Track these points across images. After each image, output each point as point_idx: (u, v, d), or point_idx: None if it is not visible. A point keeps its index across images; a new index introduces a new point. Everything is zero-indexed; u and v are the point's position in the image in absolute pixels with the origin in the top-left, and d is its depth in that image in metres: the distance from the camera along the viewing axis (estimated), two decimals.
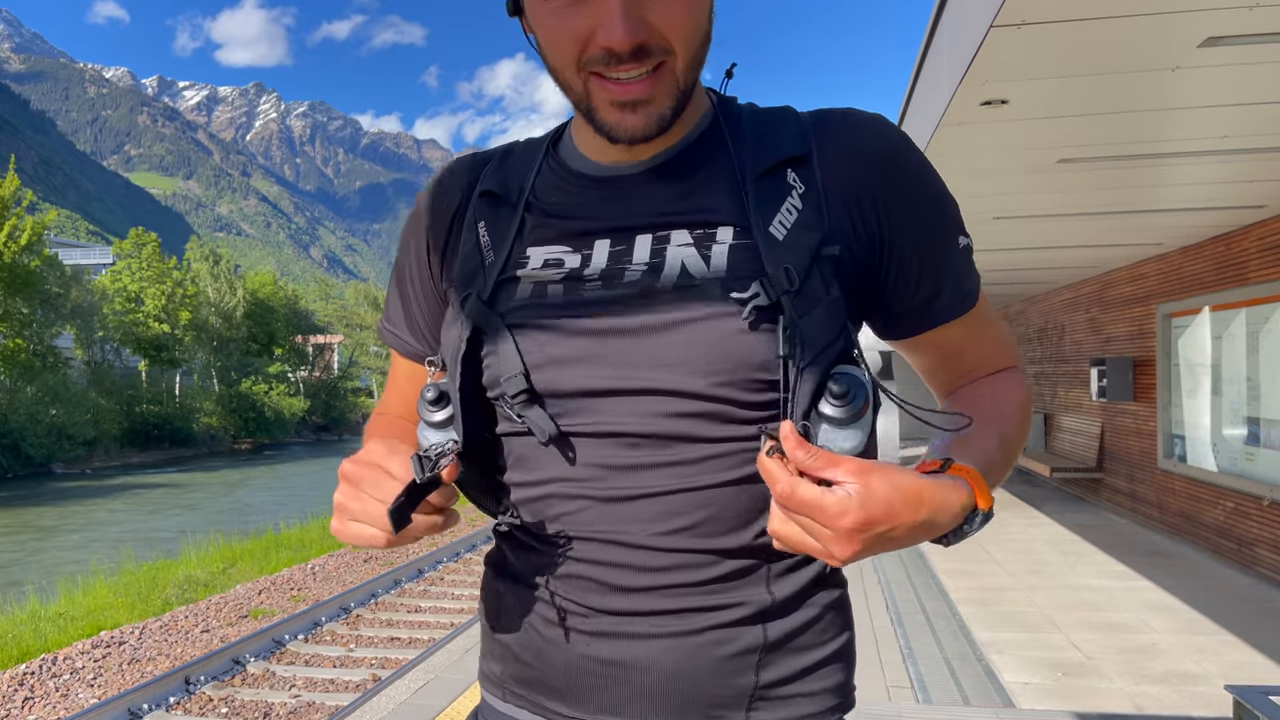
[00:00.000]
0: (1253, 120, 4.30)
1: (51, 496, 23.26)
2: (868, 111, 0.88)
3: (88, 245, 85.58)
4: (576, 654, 0.85)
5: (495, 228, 0.89)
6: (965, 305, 0.90)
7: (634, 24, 0.75)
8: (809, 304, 0.78)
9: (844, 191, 0.83)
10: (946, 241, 0.87)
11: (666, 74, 0.78)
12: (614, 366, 0.80)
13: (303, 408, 47.58)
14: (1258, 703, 2.93)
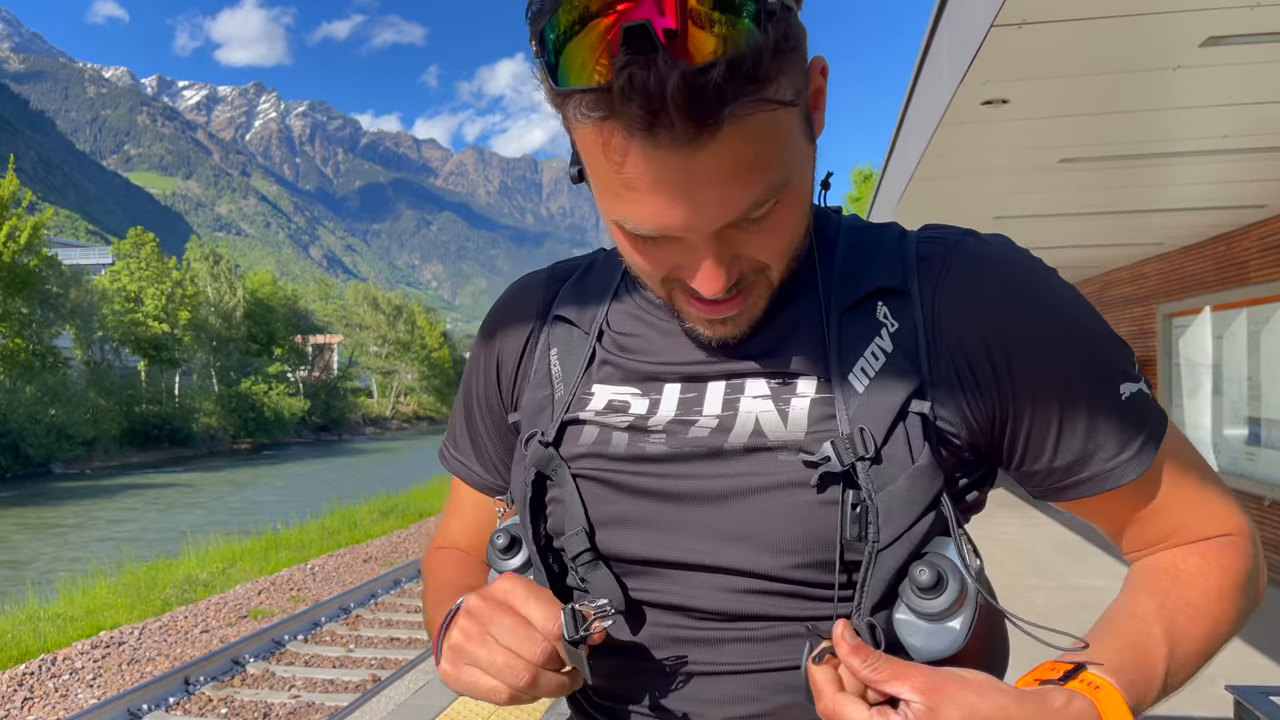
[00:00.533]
0: (1253, 120, 4.29)
1: (51, 497, 23.26)
2: (990, 235, 0.75)
3: (87, 245, 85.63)
4: None
5: (567, 358, 0.80)
6: (1128, 472, 0.71)
7: (728, 270, 0.66)
8: (891, 473, 0.67)
9: (949, 339, 0.70)
10: (1099, 393, 0.70)
11: (761, 285, 0.70)
12: (677, 535, 0.71)
13: (302, 408, 47.59)
14: (1258, 703, 2.93)
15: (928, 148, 4.74)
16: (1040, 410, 0.70)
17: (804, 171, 0.66)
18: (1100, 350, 0.72)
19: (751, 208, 0.62)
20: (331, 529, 13.91)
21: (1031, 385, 0.70)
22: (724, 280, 0.65)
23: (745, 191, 0.61)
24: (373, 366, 66.96)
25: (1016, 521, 9.43)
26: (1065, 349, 0.71)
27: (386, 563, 10.97)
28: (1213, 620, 0.73)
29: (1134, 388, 0.72)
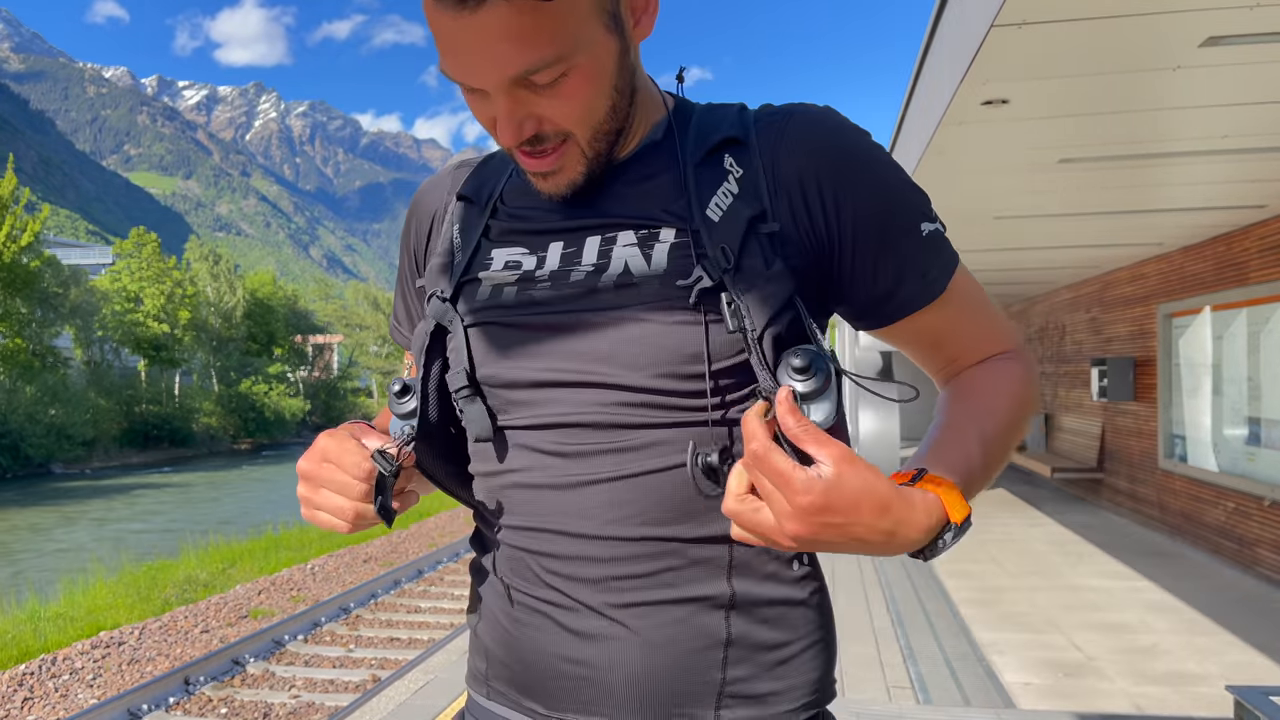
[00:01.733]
0: (1253, 120, 4.29)
1: (51, 497, 23.25)
2: (817, 105, 0.90)
3: (87, 245, 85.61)
4: (545, 652, 0.86)
5: (465, 230, 0.94)
6: (930, 294, 0.87)
7: (519, 124, 0.80)
8: (750, 279, 0.80)
9: (788, 182, 0.84)
10: (904, 231, 0.86)
11: (570, 148, 0.83)
12: (555, 359, 0.84)
13: (302, 408, 47.57)
14: (1258, 703, 2.93)
15: (927, 147, 4.74)
16: (860, 244, 0.85)
17: (600, 55, 0.79)
18: (904, 196, 0.87)
19: (528, 71, 0.76)
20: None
21: (853, 223, 0.85)
22: (514, 132, 0.80)
23: (517, 55, 0.75)
24: (373, 366, 66.91)
25: (1016, 521, 9.43)
26: (879, 194, 0.85)
27: (386, 563, 10.97)
28: (1009, 419, 0.86)
29: (931, 227, 0.88)
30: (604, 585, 0.83)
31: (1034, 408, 0.90)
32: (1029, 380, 0.90)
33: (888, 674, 4.58)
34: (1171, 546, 8.00)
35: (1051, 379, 12.36)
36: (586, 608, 0.84)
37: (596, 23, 0.78)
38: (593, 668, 0.84)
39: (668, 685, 0.83)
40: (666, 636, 0.83)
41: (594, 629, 0.84)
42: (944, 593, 6.34)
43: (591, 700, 0.84)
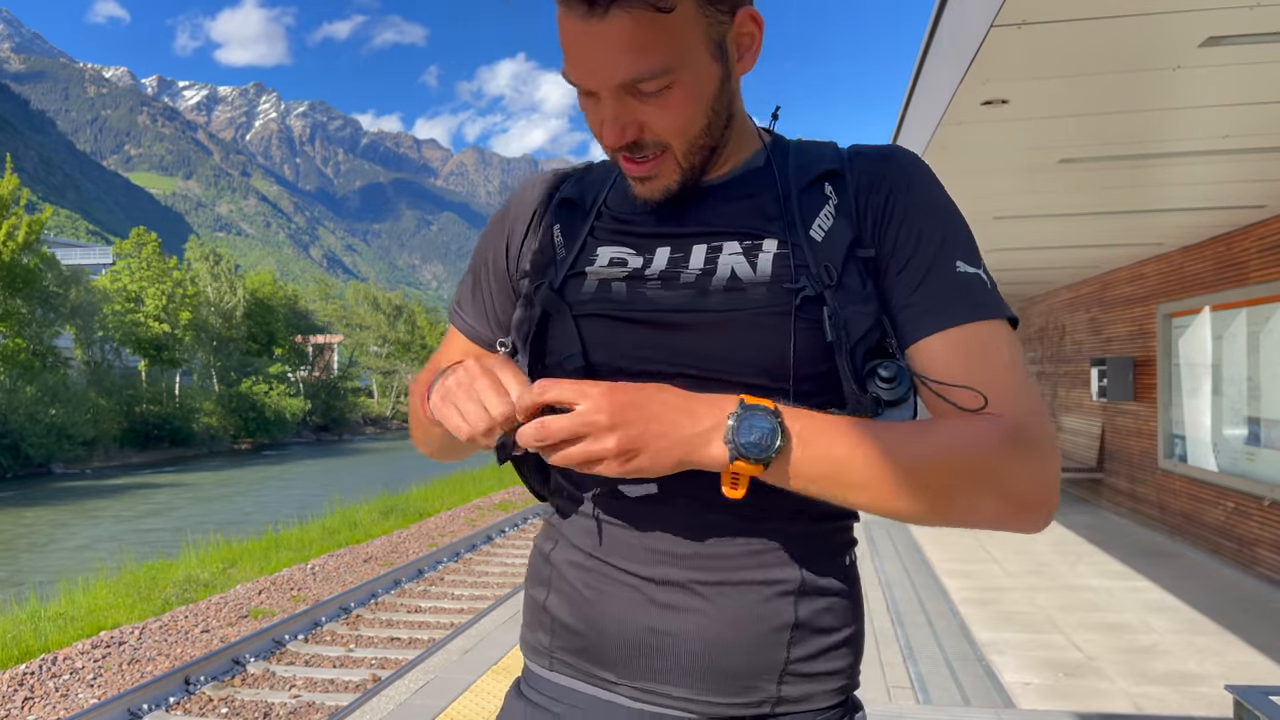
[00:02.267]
0: (1253, 120, 4.29)
1: (51, 497, 23.26)
2: (910, 151, 1.00)
3: (88, 245, 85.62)
4: (628, 623, 0.93)
5: (569, 230, 1.01)
6: (941, 322, 0.89)
7: (622, 129, 0.89)
8: (848, 297, 0.89)
9: (868, 203, 0.94)
10: (942, 261, 0.92)
11: (667, 159, 0.92)
12: (666, 352, 0.91)
13: (303, 408, 47.56)
14: (1258, 703, 2.93)
15: (927, 148, 4.75)
16: (907, 264, 0.92)
17: (702, 76, 0.89)
18: (953, 235, 0.93)
19: (637, 78, 0.86)
20: (332, 529, 13.91)
21: (906, 246, 0.92)
22: (617, 135, 0.89)
23: (630, 63, 0.85)
24: (373, 366, 66.92)
25: None
26: (927, 222, 0.93)
27: (387, 563, 10.97)
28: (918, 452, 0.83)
29: (970, 269, 0.92)
30: (692, 563, 0.91)
31: (981, 470, 0.83)
32: (981, 440, 0.83)
33: (888, 674, 4.59)
34: (1171, 546, 8.00)
35: (1051, 379, 12.36)
36: (674, 584, 0.91)
37: (703, 48, 0.88)
38: (673, 638, 0.90)
39: (739, 660, 0.90)
40: (744, 615, 0.90)
41: (679, 603, 0.91)
42: (944, 592, 6.34)
43: (664, 669, 0.91)
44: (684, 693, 0.91)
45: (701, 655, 0.90)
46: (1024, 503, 0.84)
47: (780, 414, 0.80)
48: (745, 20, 0.92)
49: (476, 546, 11.73)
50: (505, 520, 13.51)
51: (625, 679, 0.93)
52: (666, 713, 0.92)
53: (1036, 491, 0.84)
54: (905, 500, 0.83)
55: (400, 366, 67.74)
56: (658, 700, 0.92)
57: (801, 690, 0.92)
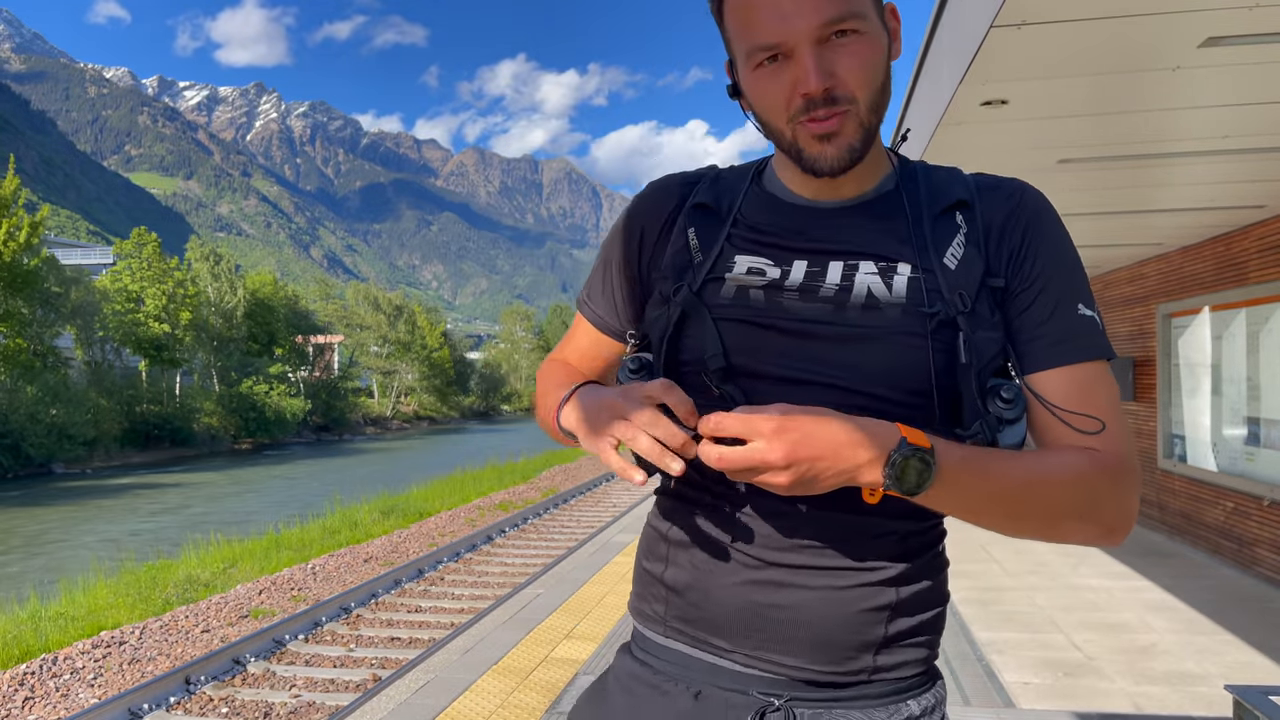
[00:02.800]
0: (1253, 120, 4.30)
1: (52, 497, 23.27)
2: (1034, 188, 1.06)
3: (88, 245, 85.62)
4: (742, 597, 1.01)
5: (705, 234, 1.06)
6: (1063, 358, 0.97)
7: (823, 75, 0.92)
8: (978, 323, 0.97)
9: (1001, 237, 1.00)
10: (1068, 301, 0.99)
11: (852, 115, 0.95)
12: (804, 361, 0.98)
13: (303, 408, 47.56)
14: (1258, 703, 2.93)
15: (927, 148, 4.75)
16: (1038, 301, 0.98)
17: (878, 35, 0.96)
18: (1077, 278, 1.00)
19: (836, 18, 0.91)
20: (332, 529, 13.91)
21: (1039, 282, 0.99)
22: (819, 79, 0.92)
23: (828, 4, 0.91)
24: (373, 366, 66.91)
25: None
26: (1059, 264, 1.00)
27: (387, 562, 10.98)
28: (1043, 474, 0.93)
29: (1089, 313, 0.98)
30: (807, 549, 0.99)
31: (1086, 502, 0.93)
32: (1092, 474, 0.93)
33: None
34: (1171, 546, 8.00)
35: None
36: (789, 566, 1.00)
37: (876, 13, 0.97)
38: (783, 611, 0.99)
39: (843, 635, 0.99)
40: (851, 596, 0.99)
41: (792, 581, 0.99)
42: None
43: (777, 640, 1.01)
44: (794, 661, 1.00)
45: (811, 629, 0.99)
46: (1113, 528, 0.94)
47: (936, 455, 0.86)
48: (889, 12, 1.00)
49: (477, 546, 11.74)
50: (505, 520, 13.51)
51: (739, 648, 1.02)
52: (771, 675, 1.01)
53: (1124, 518, 0.95)
54: (1017, 524, 0.95)
55: (400, 366, 67.74)
56: (767, 668, 1.01)
57: (894, 660, 1.02)
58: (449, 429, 63.02)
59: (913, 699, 1.04)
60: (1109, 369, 1.00)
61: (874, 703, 1.02)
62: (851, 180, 1.02)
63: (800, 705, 1.01)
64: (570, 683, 4.45)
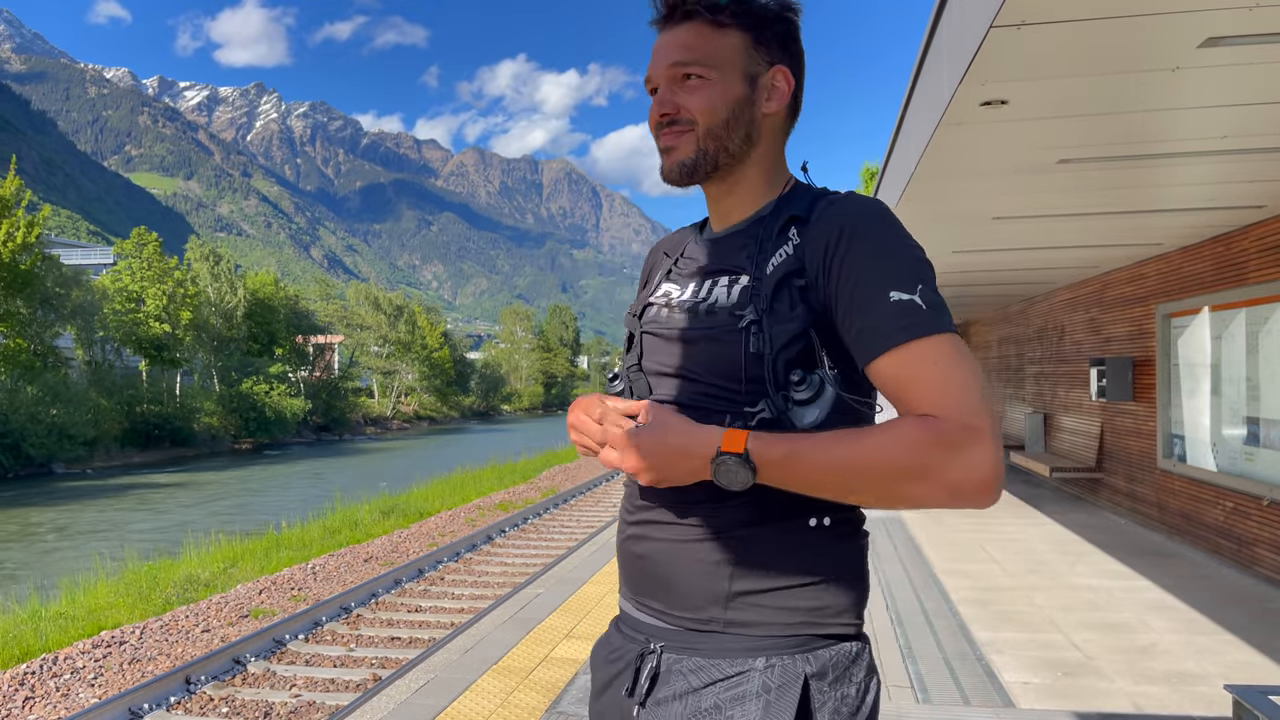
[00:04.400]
0: (1253, 120, 4.30)
1: (52, 497, 23.27)
2: (863, 196, 1.20)
3: (88, 245, 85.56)
4: (626, 549, 1.27)
5: (656, 273, 1.38)
6: (878, 346, 1.07)
7: (663, 104, 1.23)
8: (776, 319, 1.14)
9: (816, 245, 1.15)
10: (879, 293, 1.09)
11: (690, 136, 1.23)
12: (673, 358, 1.23)
13: (303, 408, 47.54)
14: (1257, 703, 2.94)
15: (927, 148, 4.75)
16: (849, 301, 1.11)
17: (730, 86, 1.22)
18: (891, 268, 1.10)
19: (682, 62, 1.22)
20: (332, 528, 13.92)
21: (846, 284, 1.11)
22: (658, 106, 1.24)
23: (680, 51, 1.22)
24: (373, 366, 66.89)
25: (1017, 521, 9.44)
26: (866, 262, 1.11)
27: (387, 562, 10.98)
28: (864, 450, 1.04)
29: (905, 297, 1.07)
30: (657, 506, 1.21)
31: (914, 466, 1.01)
32: (917, 441, 1.01)
33: (887, 673, 4.59)
34: (1170, 546, 8.01)
35: (1050, 379, 12.37)
36: (647, 522, 1.23)
37: (738, 70, 1.23)
38: (646, 562, 1.23)
39: (692, 584, 1.17)
40: (694, 549, 1.18)
41: (649, 536, 1.22)
42: (943, 592, 6.35)
43: (648, 588, 1.23)
44: (659, 606, 1.21)
45: (663, 577, 1.20)
46: (958, 488, 1.01)
47: (750, 455, 1.05)
48: (777, 74, 1.24)
49: (477, 546, 11.74)
50: (505, 520, 13.52)
51: (633, 594, 1.26)
52: (656, 623, 1.22)
53: (973, 477, 1.00)
54: (855, 496, 1.08)
55: (401, 366, 67.72)
56: (646, 610, 1.23)
57: (748, 616, 1.15)
58: (449, 429, 63.01)
59: (765, 657, 1.14)
60: (942, 341, 1.05)
61: (727, 656, 1.14)
62: (738, 210, 1.27)
63: (669, 652, 1.19)
64: (570, 682, 4.45)
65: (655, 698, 1.18)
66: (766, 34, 1.23)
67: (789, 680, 1.12)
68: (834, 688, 1.14)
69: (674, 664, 1.17)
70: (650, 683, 1.19)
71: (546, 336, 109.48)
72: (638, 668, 1.21)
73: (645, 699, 1.19)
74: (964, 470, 0.99)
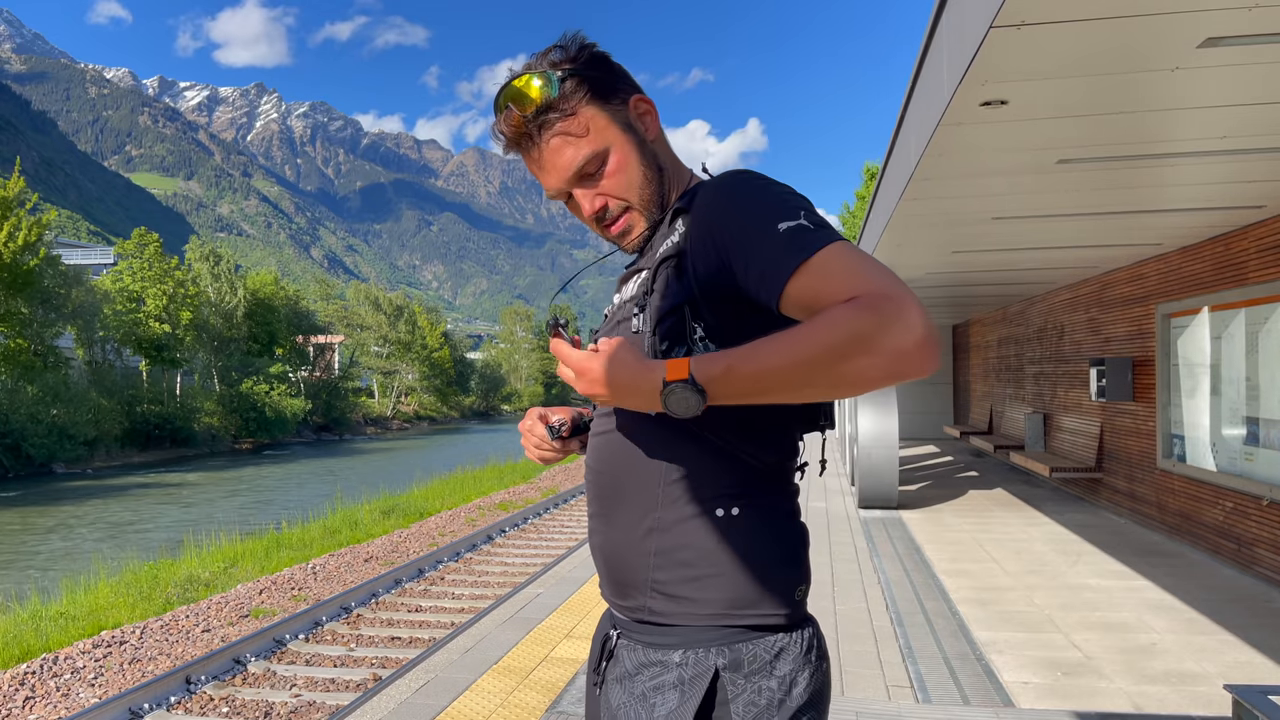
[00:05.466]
0: (1252, 120, 4.30)
1: (52, 496, 23.27)
2: (727, 173, 1.25)
3: (89, 245, 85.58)
4: (589, 540, 1.35)
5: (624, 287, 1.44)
6: (782, 277, 1.07)
7: (591, 202, 1.29)
8: (655, 300, 1.21)
9: (700, 221, 1.19)
10: (753, 239, 1.11)
11: (633, 215, 1.30)
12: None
13: (303, 408, 47.55)
14: (1257, 702, 2.94)
15: (926, 148, 4.75)
16: (736, 256, 1.13)
17: (625, 147, 1.28)
18: (762, 211, 1.12)
19: (580, 167, 1.26)
20: (333, 528, 13.92)
21: (728, 246, 1.14)
22: (589, 208, 1.29)
23: (569, 161, 1.26)
24: (374, 366, 66.90)
25: (1016, 521, 9.44)
26: (746, 211, 1.14)
27: (387, 562, 10.98)
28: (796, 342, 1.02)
29: (787, 224, 1.10)
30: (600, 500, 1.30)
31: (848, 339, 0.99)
32: (845, 317, 1.00)
33: (887, 673, 4.60)
34: (1170, 546, 8.01)
35: (1050, 379, 12.37)
36: (595, 515, 1.32)
37: (616, 128, 1.28)
38: (595, 552, 1.31)
39: (622, 573, 1.25)
40: (620, 542, 1.26)
41: (596, 528, 1.31)
42: (943, 592, 6.35)
43: (601, 576, 1.32)
44: (608, 593, 1.30)
45: (605, 567, 1.29)
46: (902, 349, 0.98)
47: (694, 378, 1.05)
48: (637, 104, 1.31)
49: (477, 546, 11.75)
50: (505, 520, 13.52)
51: (599, 583, 1.34)
52: (614, 612, 1.31)
53: (909, 336, 0.98)
54: (806, 389, 1.04)
55: (401, 366, 67.72)
56: (604, 596, 1.32)
57: (667, 607, 1.21)
58: (449, 429, 63.00)
59: (682, 650, 1.18)
60: (834, 250, 1.06)
61: (653, 643, 1.21)
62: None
63: (622, 638, 1.27)
64: (570, 682, 4.45)
65: (608, 677, 1.27)
66: (601, 84, 1.27)
67: (700, 672, 1.16)
68: (750, 680, 1.15)
69: (622, 648, 1.26)
70: (606, 663, 1.29)
71: (546, 337, 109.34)
72: (602, 649, 1.31)
73: (602, 678, 1.29)
74: (899, 333, 0.98)
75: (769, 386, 1.04)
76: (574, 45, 1.29)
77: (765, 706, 1.14)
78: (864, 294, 1.02)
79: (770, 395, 1.05)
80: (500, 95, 1.26)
